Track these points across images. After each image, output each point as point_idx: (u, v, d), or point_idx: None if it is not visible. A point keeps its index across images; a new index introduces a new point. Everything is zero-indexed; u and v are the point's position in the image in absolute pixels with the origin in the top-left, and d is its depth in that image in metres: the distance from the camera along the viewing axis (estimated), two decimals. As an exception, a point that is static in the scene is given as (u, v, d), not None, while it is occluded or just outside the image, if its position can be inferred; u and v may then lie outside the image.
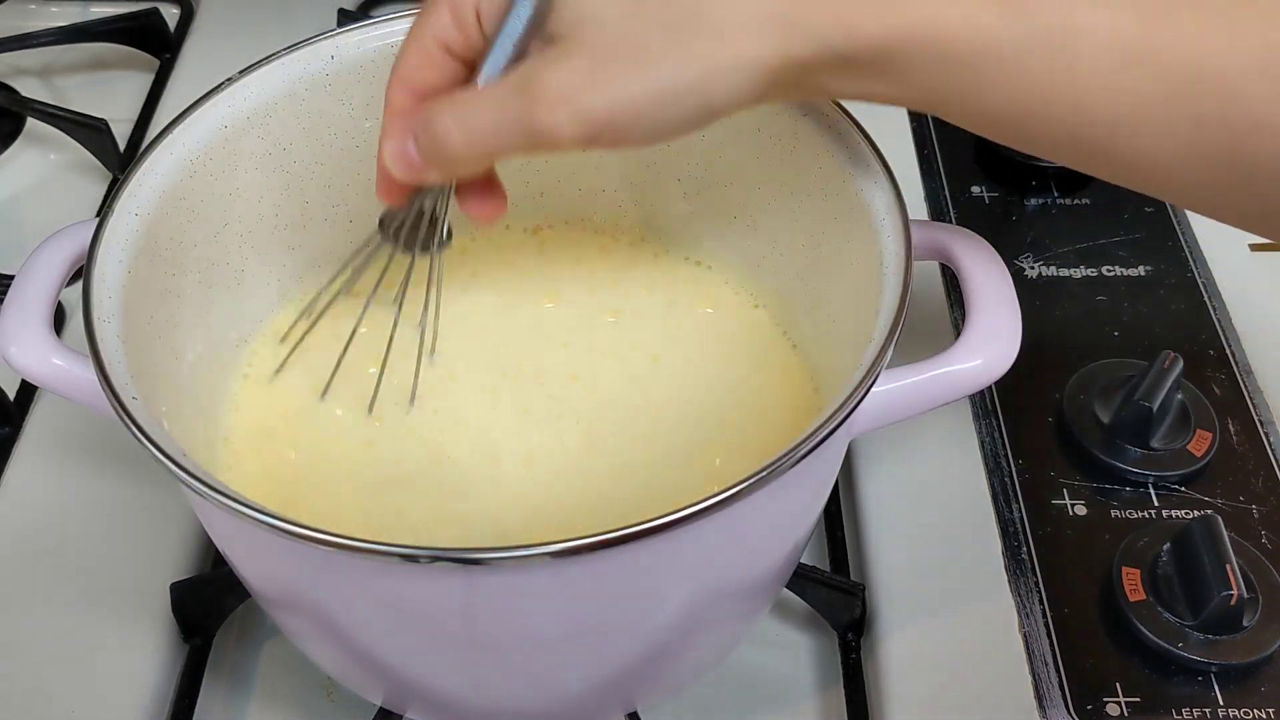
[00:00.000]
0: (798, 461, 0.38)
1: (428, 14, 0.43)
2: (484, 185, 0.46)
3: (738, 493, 0.36)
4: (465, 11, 0.42)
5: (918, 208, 0.69)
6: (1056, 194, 0.70)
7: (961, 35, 0.39)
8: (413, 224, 0.47)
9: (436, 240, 0.48)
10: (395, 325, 0.51)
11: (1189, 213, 0.69)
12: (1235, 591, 0.48)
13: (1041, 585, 0.52)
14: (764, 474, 0.37)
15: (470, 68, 0.43)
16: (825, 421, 0.38)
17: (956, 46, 0.39)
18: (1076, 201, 0.70)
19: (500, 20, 0.41)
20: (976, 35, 0.39)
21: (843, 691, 0.52)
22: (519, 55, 0.41)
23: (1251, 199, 0.40)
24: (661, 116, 0.40)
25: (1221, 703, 0.49)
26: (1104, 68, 0.39)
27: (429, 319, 0.52)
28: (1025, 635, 0.51)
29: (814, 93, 0.42)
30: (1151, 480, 0.56)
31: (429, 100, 0.42)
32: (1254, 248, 0.69)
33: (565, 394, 0.52)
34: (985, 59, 0.39)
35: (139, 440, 0.39)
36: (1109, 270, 0.65)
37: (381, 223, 0.48)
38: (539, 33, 0.41)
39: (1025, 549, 0.54)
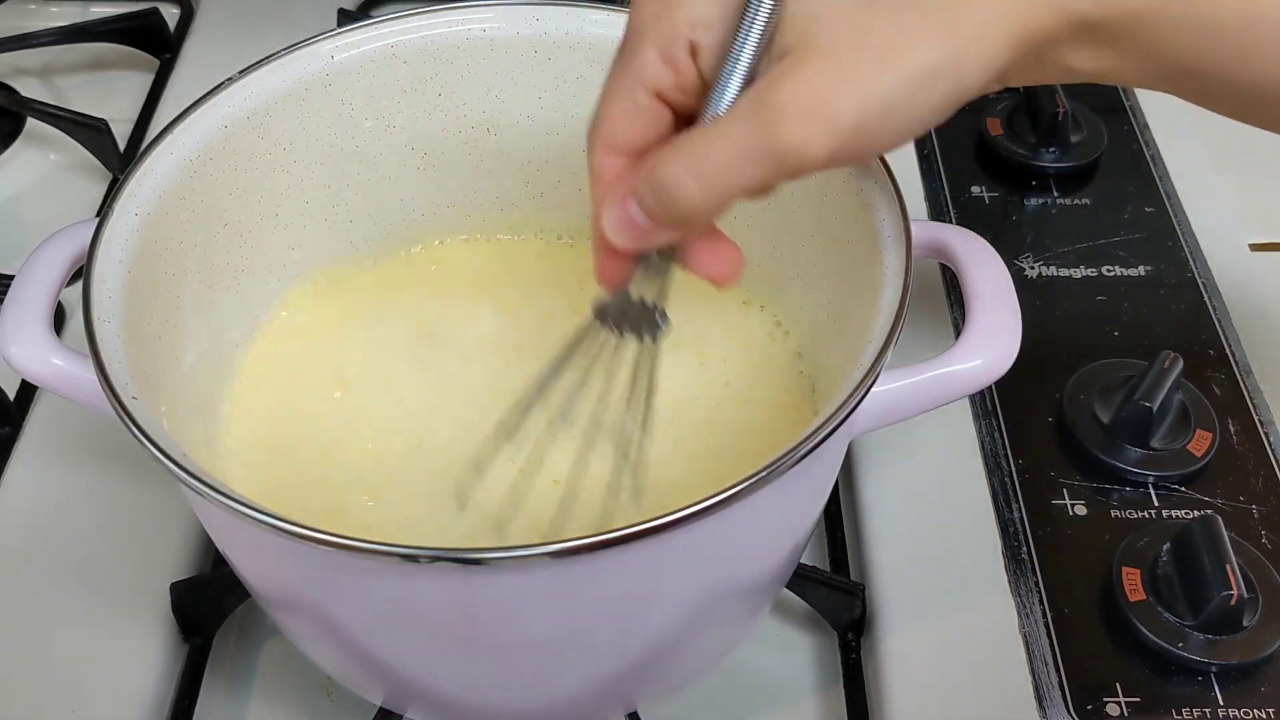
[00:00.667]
0: (798, 461, 0.38)
1: (629, 61, 0.39)
2: (711, 238, 0.42)
3: (738, 493, 0.36)
4: (677, 48, 0.38)
5: (918, 208, 0.69)
6: (1056, 194, 0.70)
7: None
8: (629, 309, 0.43)
9: (655, 323, 0.43)
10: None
11: (1189, 212, 0.69)
12: (1235, 591, 0.48)
13: (1041, 585, 0.52)
14: (764, 474, 0.37)
15: (684, 116, 0.40)
16: (825, 421, 0.38)
17: (1224, 6, 0.36)
18: (1076, 201, 0.70)
19: (725, 47, 0.38)
20: None
21: (843, 691, 0.52)
22: (749, 81, 0.38)
23: None
24: (912, 109, 0.37)
25: (1221, 703, 0.49)
26: None
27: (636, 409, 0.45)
28: (1025, 635, 0.51)
29: (1055, 71, 0.39)
30: (1151, 480, 0.56)
31: (646, 156, 0.39)
32: (1254, 247, 0.69)
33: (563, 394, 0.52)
34: (1260, 19, 0.36)
35: (139, 440, 0.38)
36: (1109, 270, 0.65)
37: (599, 312, 0.44)
38: (768, 52, 0.38)
39: (1025, 549, 0.54)
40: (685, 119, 0.40)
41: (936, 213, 0.69)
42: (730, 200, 0.38)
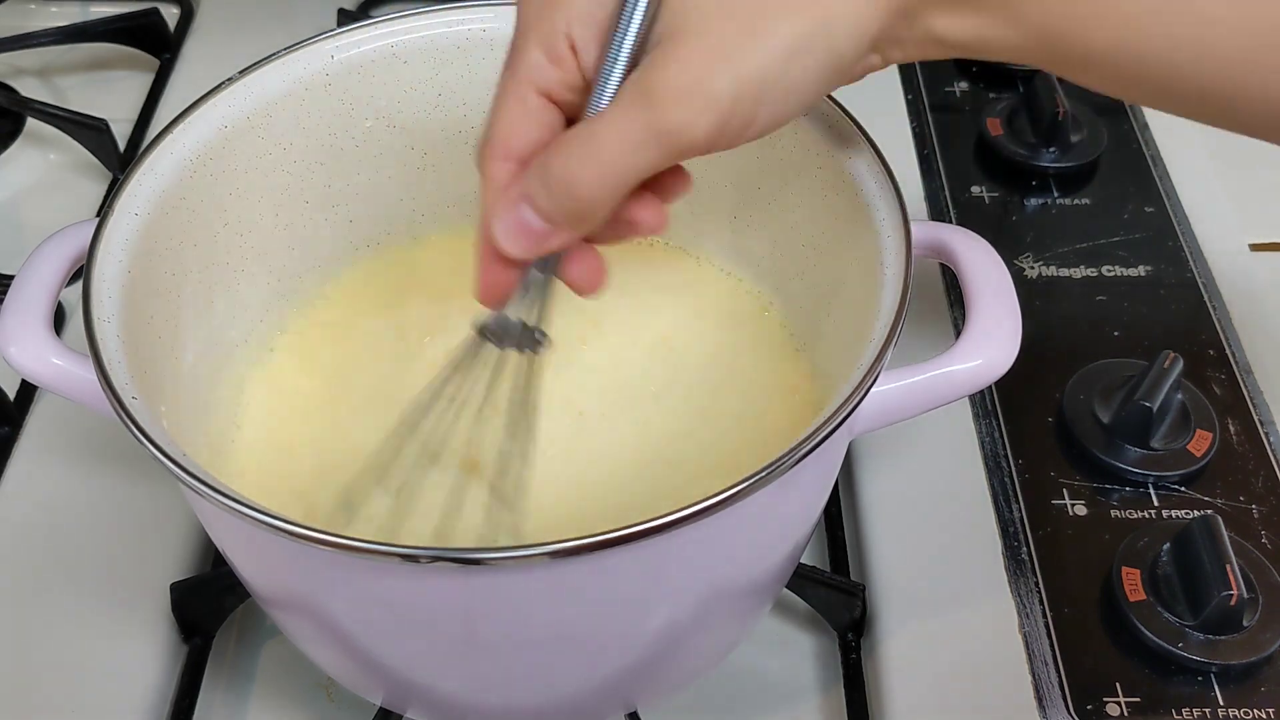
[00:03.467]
0: (798, 461, 0.38)
1: (515, 64, 0.40)
2: (582, 249, 0.42)
3: (738, 492, 0.36)
4: (558, 44, 0.39)
5: (918, 208, 0.69)
6: (1056, 194, 0.70)
7: None
8: (508, 326, 0.43)
9: (530, 339, 0.43)
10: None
11: (1189, 212, 0.69)
12: (1235, 591, 0.48)
13: (1041, 585, 0.52)
14: (764, 474, 0.37)
15: (572, 117, 0.40)
16: (826, 421, 0.38)
17: None
18: (1076, 201, 0.70)
19: (604, 40, 0.38)
20: None
21: (843, 692, 0.52)
22: (630, 70, 0.38)
23: None
24: (787, 81, 0.37)
25: (1221, 703, 0.49)
26: None
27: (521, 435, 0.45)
28: (1025, 635, 0.51)
29: (928, 41, 0.40)
30: (1151, 480, 0.56)
31: (536, 157, 0.39)
32: (1254, 248, 0.69)
33: (563, 393, 0.52)
34: None
35: (139, 440, 0.38)
36: (1109, 270, 0.66)
37: (481, 330, 0.44)
38: (646, 43, 0.38)
39: (1025, 549, 0.54)
40: (573, 120, 0.40)
41: (936, 213, 0.69)
42: (625, 187, 0.38)
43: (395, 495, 0.46)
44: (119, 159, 0.74)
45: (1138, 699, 0.49)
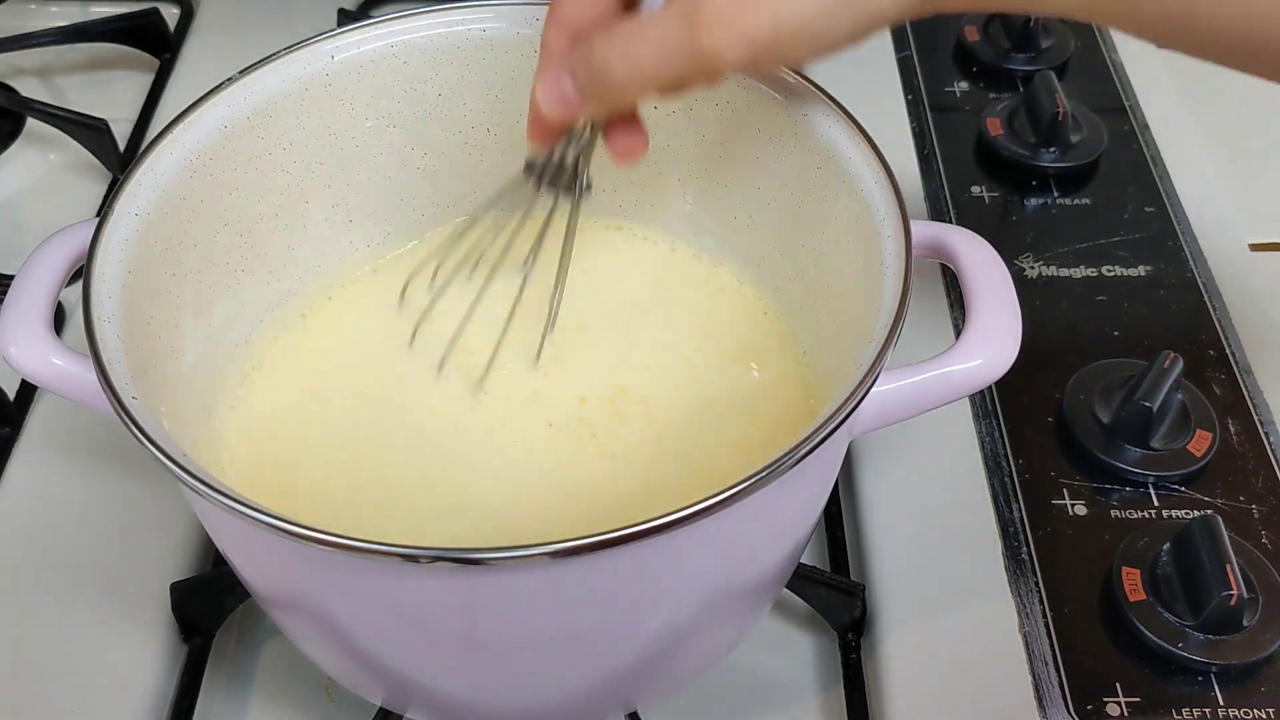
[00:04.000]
0: (798, 461, 0.38)
1: None
2: (628, 122, 0.47)
3: (738, 493, 0.36)
4: None
5: (918, 208, 0.69)
6: (1056, 194, 0.70)
7: None
8: (556, 169, 0.47)
9: (579, 186, 0.48)
10: (521, 289, 0.51)
11: (1189, 212, 0.69)
12: (1235, 591, 0.48)
13: (1041, 585, 0.52)
14: (764, 474, 0.37)
15: (629, 4, 0.44)
16: (826, 421, 0.38)
17: None
18: (1076, 201, 0.70)
19: None
20: None
21: (843, 692, 0.52)
22: None
23: None
24: (826, 29, 0.40)
25: (1222, 703, 0.49)
26: None
27: (558, 287, 0.51)
28: (1025, 635, 0.51)
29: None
30: (1151, 480, 0.56)
31: (587, 36, 0.43)
32: (1254, 248, 0.69)
33: (561, 393, 0.52)
34: None
35: (139, 440, 0.38)
36: (1109, 270, 0.66)
37: (528, 167, 0.48)
38: None
39: (1025, 549, 0.54)
40: (631, 3, 0.44)
41: (936, 213, 0.69)
42: (653, 87, 0.42)
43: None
44: (119, 159, 0.74)
45: (1138, 699, 0.49)
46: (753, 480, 0.37)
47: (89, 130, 0.74)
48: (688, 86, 0.43)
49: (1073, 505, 0.55)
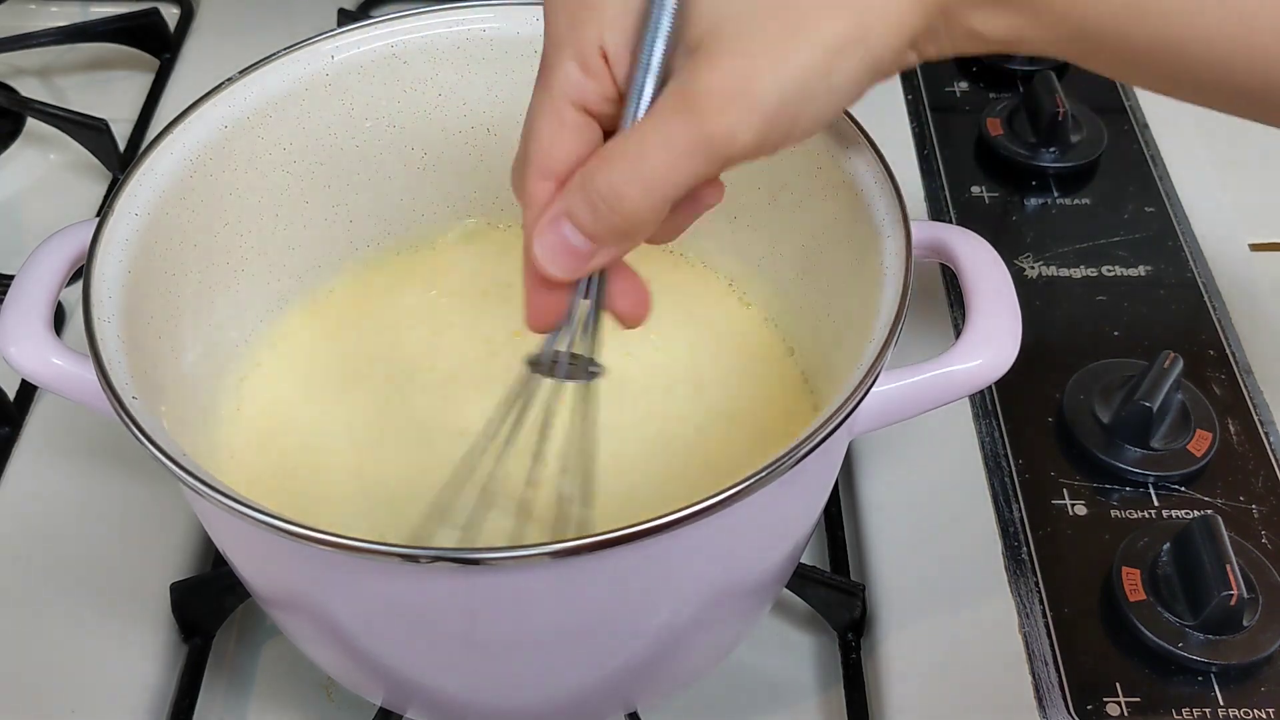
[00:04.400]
0: (798, 461, 0.38)
1: (549, 79, 0.39)
2: (625, 277, 0.42)
3: (738, 492, 0.36)
4: (592, 57, 0.38)
5: (918, 208, 0.69)
6: (1056, 194, 0.70)
7: None
8: (563, 359, 0.42)
9: (587, 371, 0.42)
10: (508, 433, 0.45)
11: (1189, 212, 0.69)
12: (1235, 591, 0.48)
13: (1041, 585, 0.52)
14: (764, 473, 0.37)
15: (606, 128, 0.39)
16: (826, 421, 0.38)
17: None
18: (1076, 201, 0.70)
19: (635, 47, 0.38)
20: None
21: (843, 692, 0.52)
22: (664, 79, 0.38)
23: None
24: (830, 82, 0.37)
25: (1222, 703, 0.49)
26: None
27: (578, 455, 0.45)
28: (1025, 635, 0.51)
29: (965, 38, 0.40)
30: (1151, 480, 0.56)
31: (577, 173, 0.38)
32: (1254, 248, 0.69)
33: (562, 394, 0.52)
34: None
35: (139, 440, 0.38)
36: (1109, 270, 0.66)
37: (533, 364, 0.43)
38: (679, 48, 0.38)
39: (1025, 549, 0.54)
40: (610, 133, 0.39)
41: (936, 213, 0.69)
42: (671, 198, 0.37)
43: (462, 531, 0.45)
44: (119, 159, 0.74)
45: (1138, 699, 0.49)
46: (753, 480, 0.37)
47: (89, 130, 0.74)
48: (701, 197, 0.40)
49: (1073, 505, 0.55)
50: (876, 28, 0.38)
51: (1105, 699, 0.49)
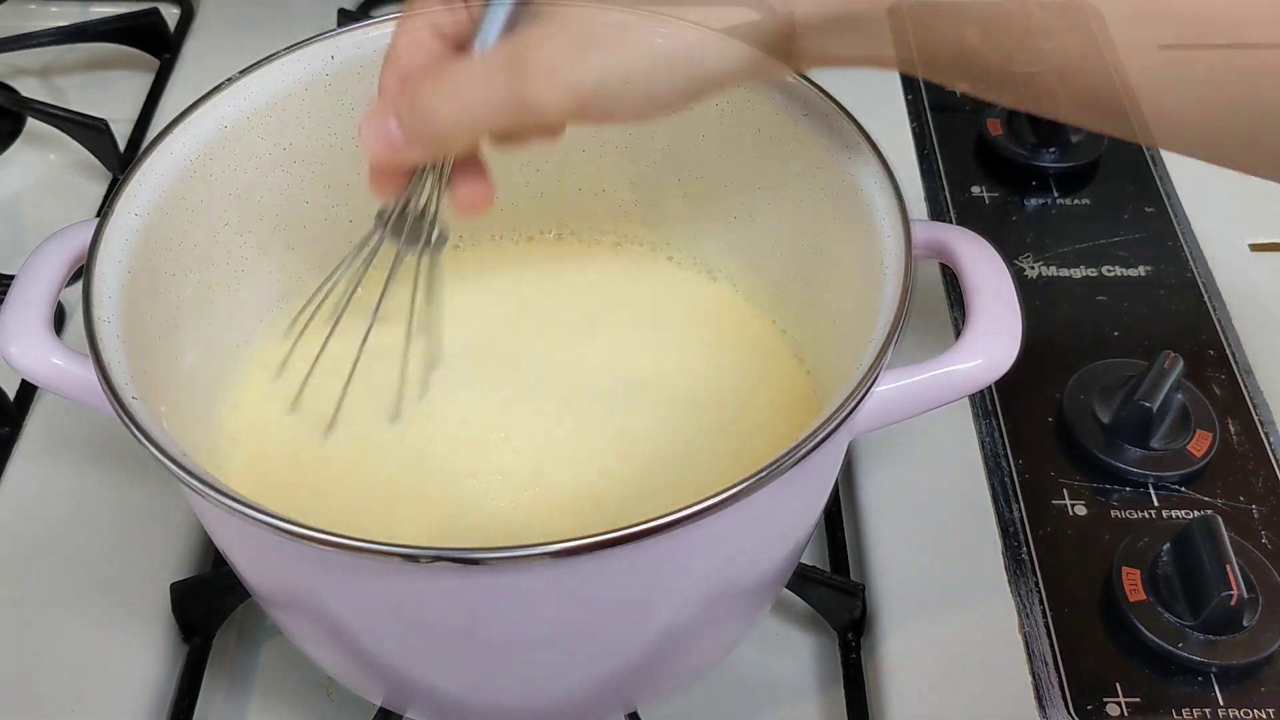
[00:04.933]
0: (799, 461, 0.38)
1: (415, 2, 0.43)
2: (472, 170, 0.46)
3: (739, 492, 0.36)
4: None
5: (918, 208, 0.69)
6: (1056, 194, 0.70)
7: None
8: (408, 220, 0.47)
9: (427, 238, 0.47)
10: (372, 329, 0.50)
11: (1189, 212, 0.69)
12: (1235, 592, 0.48)
13: (1041, 585, 0.52)
14: (765, 473, 0.37)
15: (458, 45, 0.43)
16: (827, 420, 0.38)
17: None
18: (1076, 201, 0.70)
19: None
20: None
21: (843, 692, 0.52)
22: (509, 28, 0.41)
23: (1270, 146, 0.41)
24: (652, 87, 0.40)
25: (1222, 703, 0.49)
26: (1118, 19, 0.39)
27: (421, 324, 0.51)
28: (1025, 635, 0.51)
29: (807, 59, 0.42)
30: (1152, 480, 0.56)
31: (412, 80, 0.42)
32: (1254, 248, 0.69)
33: (562, 393, 0.52)
34: (1003, 16, 0.39)
35: (140, 441, 0.38)
36: (1109, 270, 0.66)
37: (379, 216, 0.47)
38: (528, 9, 0.41)
39: (1025, 549, 0.54)
40: (460, 49, 0.43)
41: (936, 213, 0.69)
42: (475, 134, 0.42)
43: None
44: (119, 159, 0.74)
45: (1138, 699, 0.49)
46: (754, 479, 0.37)
47: (89, 130, 0.74)
48: (523, 137, 0.43)
49: (1073, 505, 0.55)
50: (709, 54, 0.40)
51: (1105, 699, 0.49)
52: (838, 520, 0.57)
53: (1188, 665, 0.49)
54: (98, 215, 0.46)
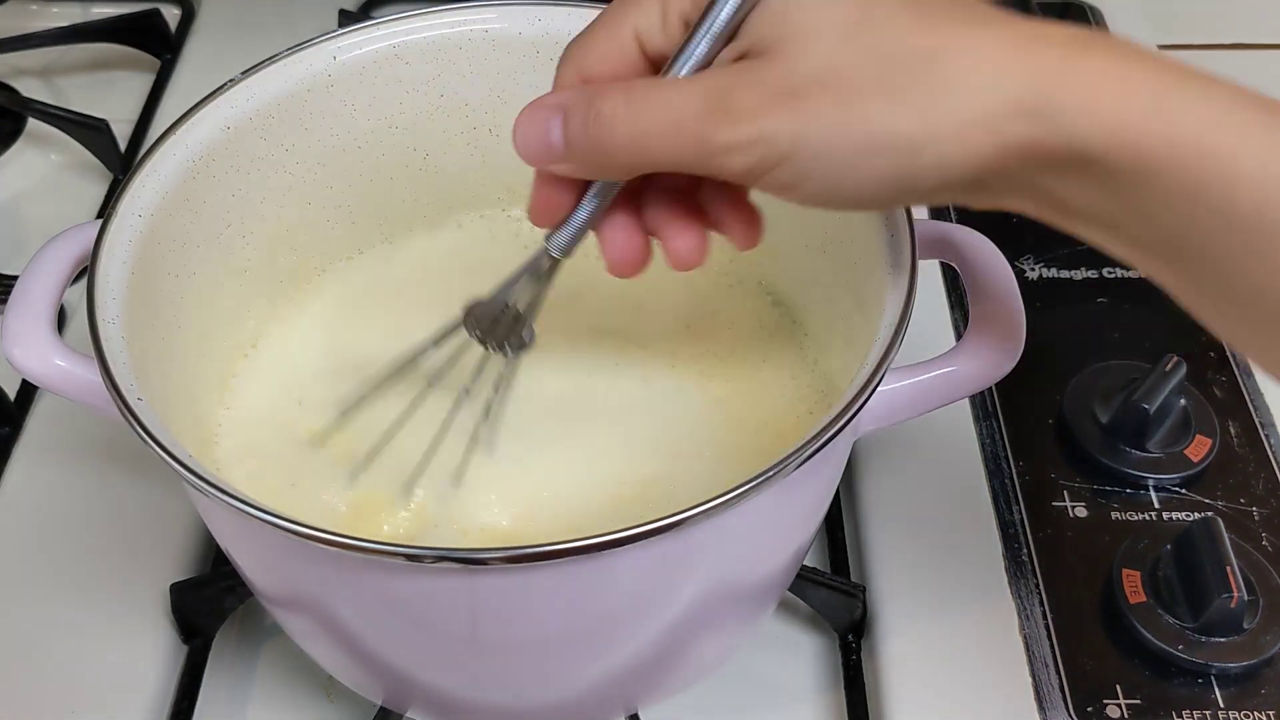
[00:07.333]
0: (803, 462, 0.38)
1: (630, 4, 0.38)
2: (630, 227, 0.41)
3: (743, 493, 0.36)
4: (673, 14, 0.37)
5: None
6: (1056, 196, 0.70)
7: (1251, 173, 0.30)
8: (499, 319, 0.43)
9: (518, 340, 0.44)
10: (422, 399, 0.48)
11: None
12: (1235, 594, 0.48)
13: (1042, 587, 0.52)
14: (769, 474, 0.37)
15: (655, 66, 0.38)
16: (831, 421, 0.38)
17: (1236, 187, 0.30)
18: (1076, 204, 0.69)
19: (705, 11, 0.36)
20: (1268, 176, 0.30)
21: (843, 692, 0.52)
22: (710, 58, 0.36)
23: None
24: (851, 167, 0.34)
25: (1222, 705, 0.49)
26: None
27: (490, 413, 0.48)
28: (1025, 637, 0.51)
29: (1025, 195, 0.35)
30: (1152, 482, 0.56)
31: (600, 84, 0.37)
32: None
33: (564, 393, 0.52)
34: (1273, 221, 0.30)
35: (145, 441, 0.38)
36: (1110, 272, 0.66)
37: (467, 315, 0.44)
38: (739, 41, 0.36)
39: (1025, 551, 0.54)
40: (655, 69, 0.38)
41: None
42: (646, 164, 0.36)
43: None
44: (120, 159, 0.74)
45: (1138, 701, 0.49)
46: (758, 480, 0.37)
47: (90, 130, 0.74)
48: (723, 221, 0.39)
49: (1073, 507, 0.55)
50: (928, 153, 0.33)
51: (1105, 701, 0.49)
52: (838, 521, 0.57)
53: (1188, 667, 0.49)
54: (99, 216, 0.46)
